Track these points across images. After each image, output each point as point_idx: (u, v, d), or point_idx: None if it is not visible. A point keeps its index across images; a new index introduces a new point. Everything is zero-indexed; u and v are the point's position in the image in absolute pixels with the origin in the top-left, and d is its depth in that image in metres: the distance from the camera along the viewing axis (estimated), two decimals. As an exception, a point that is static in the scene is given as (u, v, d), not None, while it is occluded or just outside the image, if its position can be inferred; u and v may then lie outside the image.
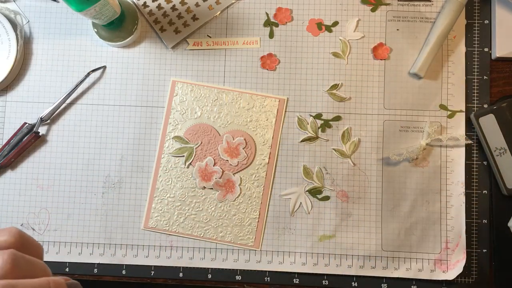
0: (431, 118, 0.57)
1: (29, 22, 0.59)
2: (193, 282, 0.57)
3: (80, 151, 0.58)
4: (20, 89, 0.58)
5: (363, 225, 0.56)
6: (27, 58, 0.58)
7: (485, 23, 0.58)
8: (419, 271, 0.55)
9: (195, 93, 0.58)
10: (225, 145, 0.57)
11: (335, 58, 0.58)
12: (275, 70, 0.58)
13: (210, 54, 0.58)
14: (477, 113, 0.55)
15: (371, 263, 0.56)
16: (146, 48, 0.58)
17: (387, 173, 0.57)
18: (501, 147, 0.53)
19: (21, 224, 0.57)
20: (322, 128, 0.57)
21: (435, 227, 0.56)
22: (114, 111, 0.58)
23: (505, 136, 0.53)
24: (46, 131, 0.58)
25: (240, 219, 0.56)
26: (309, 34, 0.58)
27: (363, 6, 0.58)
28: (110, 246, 0.57)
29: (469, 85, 0.57)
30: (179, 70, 0.58)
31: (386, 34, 0.58)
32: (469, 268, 0.56)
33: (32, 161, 0.58)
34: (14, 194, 0.57)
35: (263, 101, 0.57)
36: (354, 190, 0.57)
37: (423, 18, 0.58)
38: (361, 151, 0.57)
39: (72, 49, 0.59)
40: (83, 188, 0.57)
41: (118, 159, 0.57)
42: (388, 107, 0.57)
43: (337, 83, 0.57)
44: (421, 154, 0.56)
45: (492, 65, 0.58)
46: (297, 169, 0.57)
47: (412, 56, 0.58)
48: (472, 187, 0.56)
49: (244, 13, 0.58)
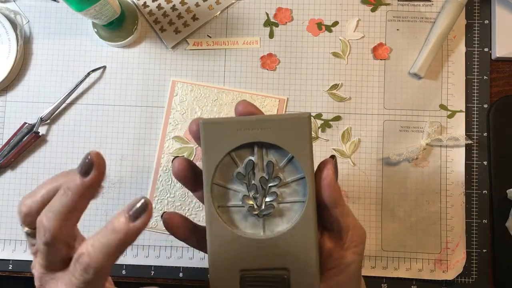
0: (431, 118, 0.57)
1: (29, 22, 0.59)
2: (193, 282, 0.57)
3: (80, 151, 0.58)
4: (20, 89, 0.58)
5: (363, 225, 0.56)
6: (27, 58, 0.58)
7: (485, 23, 0.58)
8: (419, 271, 0.55)
9: (195, 93, 0.58)
10: (225, 145, 0.57)
11: (335, 58, 0.58)
12: (275, 70, 0.58)
13: (210, 54, 0.58)
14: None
15: (371, 263, 0.56)
16: (146, 48, 0.58)
17: (387, 173, 0.57)
18: None
19: (21, 224, 0.57)
20: (322, 128, 0.57)
21: (435, 227, 0.56)
22: (114, 111, 0.58)
23: None
24: (46, 131, 0.58)
25: (240, 219, 0.56)
26: (309, 34, 0.58)
27: (363, 6, 0.58)
28: (110, 246, 0.57)
29: (469, 85, 0.57)
30: (179, 70, 0.58)
31: (386, 34, 0.58)
32: (469, 268, 0.56)
33: (32, 161, 0.58)
34: (14, 194, 0.57)
35: (263, 101, 0.57)
36: (354, 190, 0.57)
37: (423, 18, 0.58)
38: (361, 151, 0.57)
39: (72, 49, 0.59)
40: (83, 188, 0.57)
41: (118, 159, 0.57)
42: (388, 107, 0.57)
43: (337, 83, 0.57)
44: (421, 154, 0.56)
45: (492, 65, 0.58)
46: (297, 169, 0.57)
47: (412, 56, 0.58)
48: (472, 187, 0.56)
49: (244, 13, 0.58)
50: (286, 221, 0.34)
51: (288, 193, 0.34)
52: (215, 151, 0.33)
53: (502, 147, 0.56)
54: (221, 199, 0.34)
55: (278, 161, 0.33)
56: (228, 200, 0.34)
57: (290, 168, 0.34)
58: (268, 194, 0.34)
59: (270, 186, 0.34)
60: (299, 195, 0.34)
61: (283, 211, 0.34)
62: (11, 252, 0.57)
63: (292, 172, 0.34)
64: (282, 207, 0.34)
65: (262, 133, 0.32)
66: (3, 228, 0.57)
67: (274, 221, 0.34)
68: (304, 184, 0.33)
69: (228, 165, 0.34)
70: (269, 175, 0.33)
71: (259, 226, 0.34)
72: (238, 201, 0.34)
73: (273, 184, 0.34)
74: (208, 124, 0.32)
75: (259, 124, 0.32)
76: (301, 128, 0.32)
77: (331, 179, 0.33)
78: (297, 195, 0.34)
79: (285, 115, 0.33)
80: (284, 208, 0.34)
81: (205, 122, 0.32)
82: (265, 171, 0.33)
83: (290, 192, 0.34)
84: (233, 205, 0.34)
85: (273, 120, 0.32)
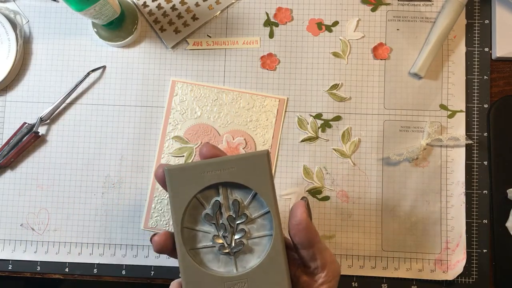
0: (431, 118, 0.57)
1: (28, 22, 0.59)
2: (193, 282, 0.57)
3: (80, 151, 0.58)
4: (20, 89, 0.58)
5: (363, 225, 0.56)
6: (26, 58, 0.58)
7: (486, 23, 0.58)
8: (419, 271, 0.55)
9: (195, 93, 0.58)
10: (225, 145, 0.57)
11: (335, 58, 0.58)
12: (275, 70, 0.58)
13: (210, 54, 0.58)
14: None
15: (371, 263, 0.56)
16: (146, 48, 0.58)
17: (387, 173, 0.57)
18: None
19: (20, 224, 0.57)
20: (322, 128, 0.57)
21: (435, 227, 0.56)
22: (114, 111, 0.58)
23: None
24: (46, 131, 0.58)
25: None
26: (309, 34, 0.58)
27: (363, 6, 0.58)
28: (110, 246, 0.57)
29: (469, 85, 0.57)
30: (179, 70, 0.58)
31: (386, 34, 0.58)
32: (469, 268, 0.56)
33: (32, 161, 0.57)
34: (14, 194, 0.57)
35: (263, 101, 0.57)
36: (354, 190, 0.57)
37: (423, 18, 0.58)
38: (361, 151, 0.57)
39: (72, 49, 0.58)
40: (83, 188, 0.57)
41: (118, 159, 0.57)
42: (388, 107, 0.57)
43: (337, 83, 0.57)
44: (421, 154, 0.56)
45: (492, 65, 0.58)
46: (297, 169, 0.57)
47: (412, 56, 0.58)
48: (472, 187, 0.56)
49: (244, 13, 0.58)
50: (257, 256, 0.35)
51: (256, 228, 0.35)
52: (182, 196, 0.34)
53: (502, 147, 0.56)
54: (192, 241, 0.35)
55: (243, 199, 0.35)
56: (199, 241, 0.35)
57: (255, 204, 0.35)
58: (236, 231, 0.35)
59: (238, 224, 0.35)
60: (267, 229, 0.35)
61: (253, 246, 0.35)
62: (11, 252, 0.57)
63: (257, 208, 0.35)
64: (251, 243, 0.35)
65: (225, 173, 0.34)
66: (3, 228, 0.57)
67: (245, 257, 0.35)
68: (270, 218, 0.35)
69: (196, 208, 0.35)
70: (236, 213, 0.35)
71: (231, 263, 0.35)
72: (209, 241, 0.35)
73: (240, 221, 0.35)
74: (172, 170, 0.34)
75: (221, 165, 0.34)
76: (261, 165, 0.34)
77: (306, 223, 0.34)
78: (265, 229, 0.35)
79: (245, 155, 0.34)
80: (253, 243, 0.35)
81: (170, 169, 0.34)
82: (232, 210, 0.35)
83: (257, 227, 0.35)
84: (204, 246, 0.35)
85: (234, 160, 0.34)
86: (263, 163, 0.34)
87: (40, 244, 0.57)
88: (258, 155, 0.34)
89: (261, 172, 0.34)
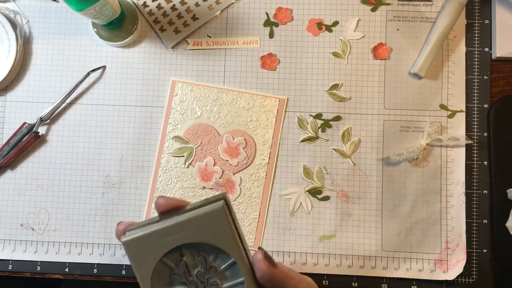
0: (431, 118, 0.57)
1: (28, 22, 0.59)
2: (193, 282, 0.57)
3: (80, 151, 0.58)
4: (20, 89, 0.58)
5: (363, 225, 0.56)
6: (26, 58, 0.58)
7: (485, 23, 0.58)
8: (419, 271, 0.55)
9: (195, 93, 0.58)
10: (225, 145, 0.57)
11: (335, 58, 0.58)
12: (275, 70, 0.58)
13: (210, 54, 0.58)
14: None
15: (371, 263, 0.56)
16: (146, 48, 0.58)
17: (387, 173, 0.57)
18: None
19: (20, 224, 0.57)
20: (322, 128, 0.57)
21: (435, 227, 0.56)
22: (114, 111, 0.58)
23: None
24: (45, 131, 0.58)
25: (240, 219, 0.56)
26: (309, 34, 0.58)
27: (363, 6, 0.58)
28: (110, 246, 0.57)
29: (469, 85, 0.57)
30: (179, 70, 0.58)
31: (386, 34, 0.58)
32: (469, 268, 0.56)
33: (32, 161, 0.57)
34: (14, 194, 0.57)
35: (263, 101, 0.57)
36: (354, 190, 0.57)
37: (423, 18, 0.58)
38: (361, 151, 0.57)
39: (72, 49, 0.59)
40: (83, 188, 0.57)
41: (118, 159, 0.57)
42: (388, 107, 0.57)
43: (337, 83, 0.57)
44: (421, 154, 0.56)
45: (492, 65, 0.58)
46: (297, 169, 0.57)
47: (412, 56, 0.58)
48: (472, 187, 0.56)
49: (244, 13, 0.58)
50: None
51: (228, 277, 0.35)
52: (145, 264, 0.34)
53: (502, 147, 0.56)
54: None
55: (209, 252, 0.35)
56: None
57: (222, 255, 0.35)
58: (208, 285, 0.35)
59: (207, 278, 0.35)
60: (238, 275, 0.35)
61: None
62: (11, 252, 0.57)
63: (224, 259, 0.35)
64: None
65: (184, 235, 0.34)
66: (3, 228, 0.57)
67: None
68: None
69: (163, 270, 0.35)
70: (204, 268, 0.35)
71: None
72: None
73: (209, 275, 0.35)
74: (130, 242, 0.34)
75: (179, 227, 0.34)
76: (219, 219, 0.34)
77: (269, 273, 0.34)
78: (236, 277, 0.35)
79: (201, 211, 0.34)
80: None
81: (127, 242, 0.34)
82: (199, 266, 0.35)
83: (229, 275, 0.35)
84: None
85: (190, 220, 0.33)
86: (220, 217, 0.33)
87: (40, 244, 0.57)
88: (214, 211, 0.33)
89: (220, 225, 0.33)
